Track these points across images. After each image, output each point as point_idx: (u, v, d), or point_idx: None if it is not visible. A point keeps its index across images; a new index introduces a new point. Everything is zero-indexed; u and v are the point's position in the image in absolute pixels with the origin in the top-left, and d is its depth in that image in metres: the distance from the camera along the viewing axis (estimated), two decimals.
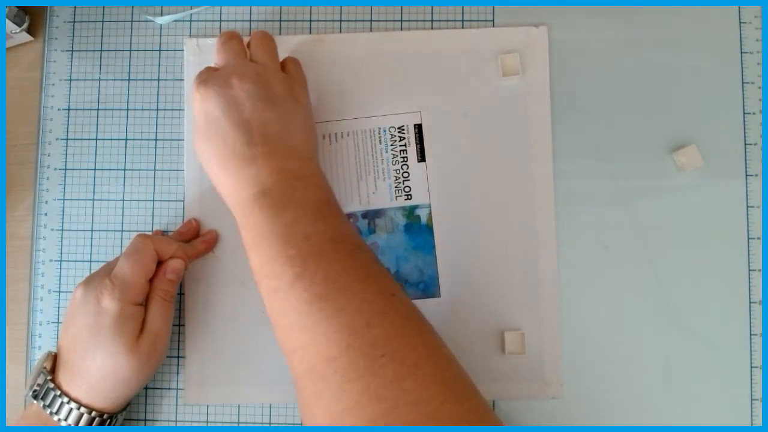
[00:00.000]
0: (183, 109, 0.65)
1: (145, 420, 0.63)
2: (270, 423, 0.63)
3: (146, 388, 0.63)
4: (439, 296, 0.62)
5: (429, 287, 0.63)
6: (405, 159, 0.63)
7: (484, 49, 0.64)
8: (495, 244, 0.63)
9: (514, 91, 0.64)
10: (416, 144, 0.64)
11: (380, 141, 0.64)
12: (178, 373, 0.63)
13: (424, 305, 0.61)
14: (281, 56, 0.61)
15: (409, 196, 0.63)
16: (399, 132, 0.64)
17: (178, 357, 0.63)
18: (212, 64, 0.59)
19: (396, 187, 0.63)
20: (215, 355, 0.63)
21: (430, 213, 0.63)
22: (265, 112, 0.54)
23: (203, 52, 0.65)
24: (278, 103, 0.55)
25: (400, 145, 0.64)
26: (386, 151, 0.63)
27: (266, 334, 0.62)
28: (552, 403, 0.62)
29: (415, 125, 0.64)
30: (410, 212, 0.63)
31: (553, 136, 0.63)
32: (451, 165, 0.63)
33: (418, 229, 0.63)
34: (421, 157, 0.63)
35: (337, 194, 0.59)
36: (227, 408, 0.63)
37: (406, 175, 0.63)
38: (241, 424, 0.63)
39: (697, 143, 0.63)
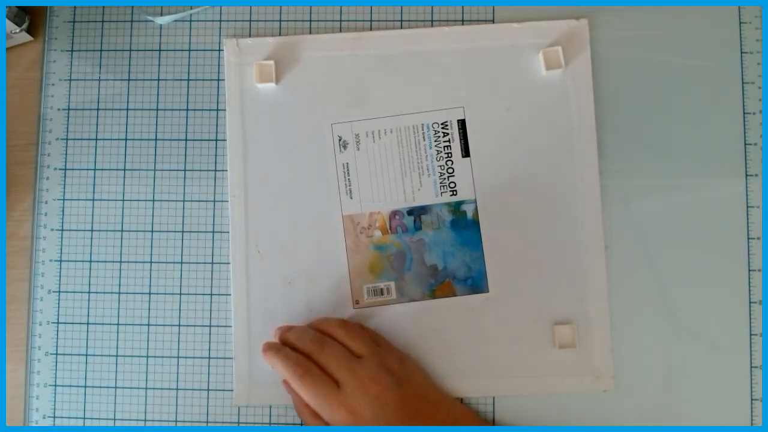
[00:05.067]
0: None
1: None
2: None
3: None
4: (488, 291, 0.63)
5: (477, 282, 0.63)
6: (449, 155, 0.64)
7: (525, 43, 0.64)
8: (542, 238, 0.63)
9: (557, 85, 0.64)
10: (460, 139, 0.64)
11: (424, 137, 0.64)
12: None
13: (472, 301, 0.62)
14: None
15: (455, 192, 0.63)
16: (442, 128, 0.64)
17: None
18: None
19: (441, 183, 0.63)
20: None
21: (476, 208, 0.63)
22: None
23: (243, 52, 0.65)
24: None
25: (444, 141, 0.64)
26: (430, 147, 0.64)
27: None
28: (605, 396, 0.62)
29: (458, 121, 0.64)
30: (456, 208, 0.63)
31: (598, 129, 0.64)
32: (495, 160, 0.63)
33: (464, 224, 0.63)
34: (466, 153, 0.64)
35: (382, 191, 0.62)
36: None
37: (450, 170, 0.63)
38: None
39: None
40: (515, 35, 0.64)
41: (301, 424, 0.62)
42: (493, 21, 0.65)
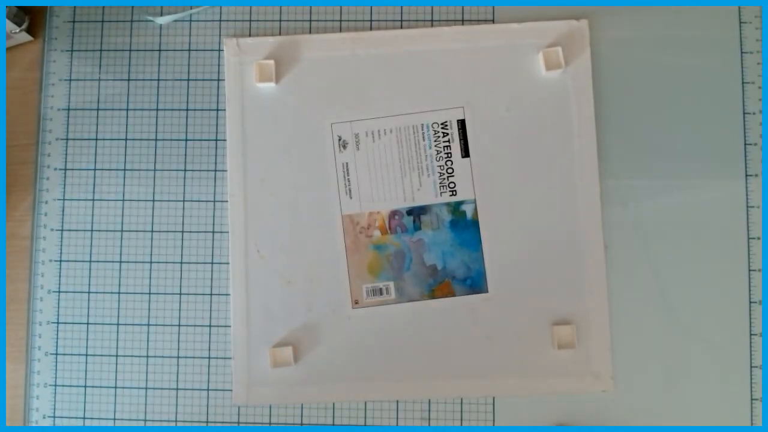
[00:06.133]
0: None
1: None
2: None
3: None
4: (487, 292, 0.63)
5: (476, 283, 0.63)
6: (449, 155, 0.64)
7: (525, 43, 0.64)
8: (541, 238, 0.63)
9: (557, 85, 0.64)
10: (460, 140, 0.64)
11: (423, 137, 0.64)
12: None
13: (471, 301, 0.62)
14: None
15: (454, 192, 0.63)
16: (442, 128, 0.64)
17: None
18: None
19: (441, 183, 0.63)
20: (263, 355, 0.63)
21: (476, 208, 0.63)
22: None
23: (243, 52, 0.65)
24: None
25: (444, 141, 0.64)
26: (430, 147, 0.64)
27: (313, 333, 0.63)
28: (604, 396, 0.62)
29: (458, 121, 0.64)
30: (455, 208, 0.63)
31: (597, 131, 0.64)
32: (495, 160, 0.64)
33: (464, 224, 0.63)
34: (465, 153, 0.64)
35: (382, 191, 0.62)
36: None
37: (450, 171, 0.63)
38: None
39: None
40: (515, 35, 0.64)
41: (300, 424, 0.62)
42: (493, 21, 0.65)
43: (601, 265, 0.62)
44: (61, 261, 0.65)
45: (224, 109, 0.65)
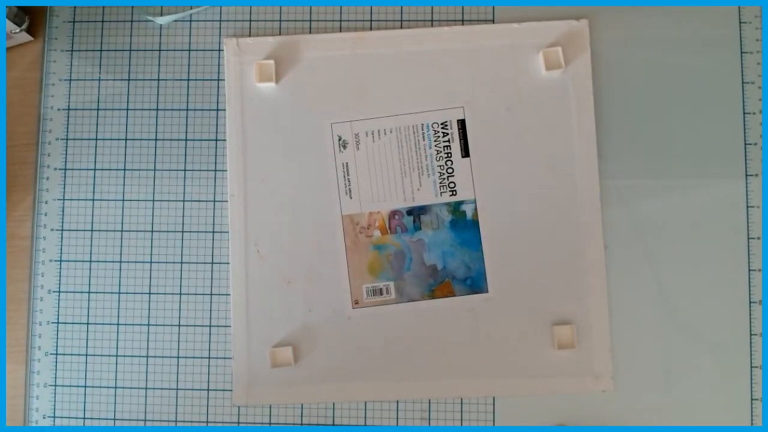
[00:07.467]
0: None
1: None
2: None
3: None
4: (487, 291, 0.63)
5: (477, 283, 0.63)
6: (449, 155, 0.64)
7: (526, 43, 0.64)
8: (541, 238, 0.63)
9: (557, 85, 0.64)
10: (460, 140, 0.64)
11: (423, 137, 0.64)
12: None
13: (471, 301, 0.62)
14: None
15: (454, 192, 0.63)
16: (442, 128, 0.64)
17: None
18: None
19: (441, 183, 0.63)
20: (263, 355, 0.63)
21: (476, 208, 0.63)
22: None
23: (243, 52, 0.65)
24: None
25: (444, 141, 0.64)
26: (430, 147, 0.64)
27: (313, 333, 0.63)
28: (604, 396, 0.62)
29: (458, 121, 0.64)
30: (455, 208, 0.63)
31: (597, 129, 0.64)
32: (495, 160, 0.64)
33: (464, 224, 0.63)
34: (465, 153, 0.64)
35: (382, 191, 0.62)
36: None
37: (450, 171, 0.63)
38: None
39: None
40: (515, 35, 0.64)
41: (300, 424, 0.62)
42: (493, 21, 0.65)
43: (601, 265, 0.62)
44: (61, 261, 0.65)
45: (224, 109, 0.65)
